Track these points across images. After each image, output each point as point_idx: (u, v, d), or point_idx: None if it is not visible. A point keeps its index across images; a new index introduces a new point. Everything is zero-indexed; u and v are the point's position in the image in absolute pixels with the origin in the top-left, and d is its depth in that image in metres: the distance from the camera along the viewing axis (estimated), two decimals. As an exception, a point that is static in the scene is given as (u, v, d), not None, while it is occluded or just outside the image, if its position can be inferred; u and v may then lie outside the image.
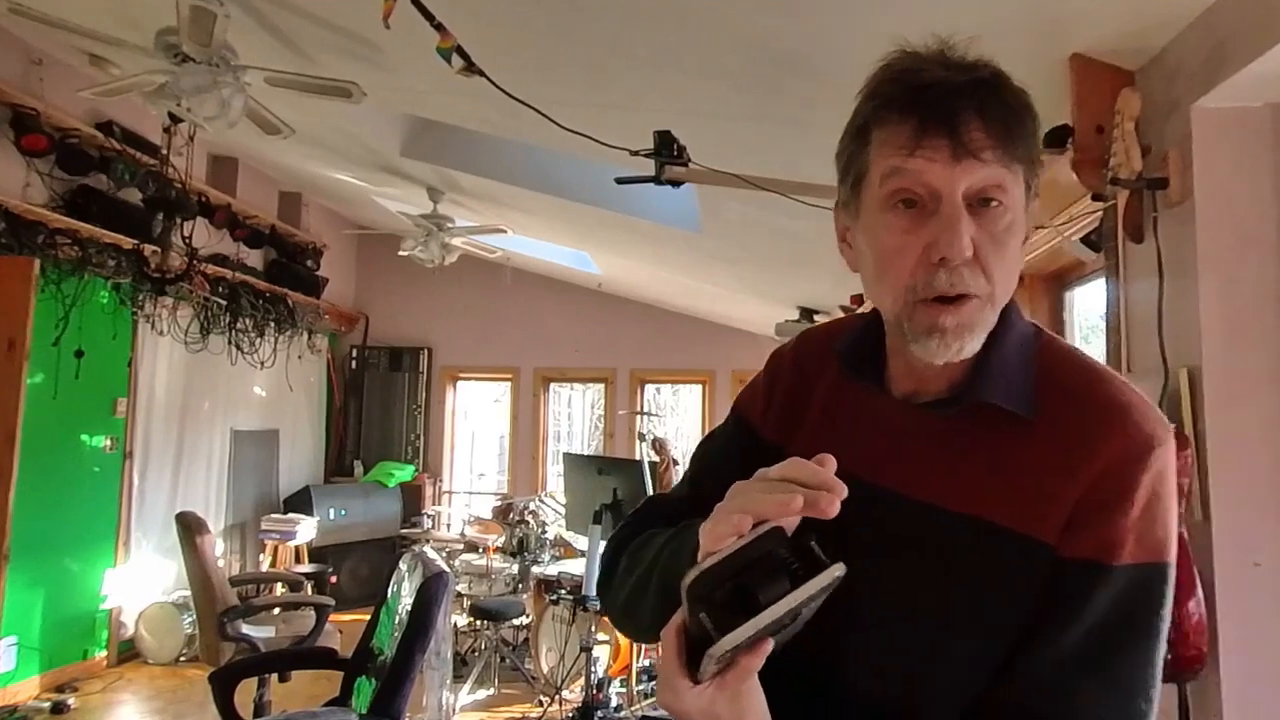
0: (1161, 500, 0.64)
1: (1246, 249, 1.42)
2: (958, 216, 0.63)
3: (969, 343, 0.65)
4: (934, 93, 0.63)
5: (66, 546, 4.31)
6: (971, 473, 0.67)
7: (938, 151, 0.63)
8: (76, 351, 4.22)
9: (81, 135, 4.12)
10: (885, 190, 0.66)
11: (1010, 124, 0.64)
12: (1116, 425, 0.64)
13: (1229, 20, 1.33)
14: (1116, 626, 0.62)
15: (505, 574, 4.81)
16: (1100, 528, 0.63)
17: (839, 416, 0.76)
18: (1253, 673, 1.37)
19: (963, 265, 0.63)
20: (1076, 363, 0.70)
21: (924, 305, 0.65)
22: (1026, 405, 0.67)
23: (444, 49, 1.87)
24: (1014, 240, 0.65)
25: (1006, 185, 0.64)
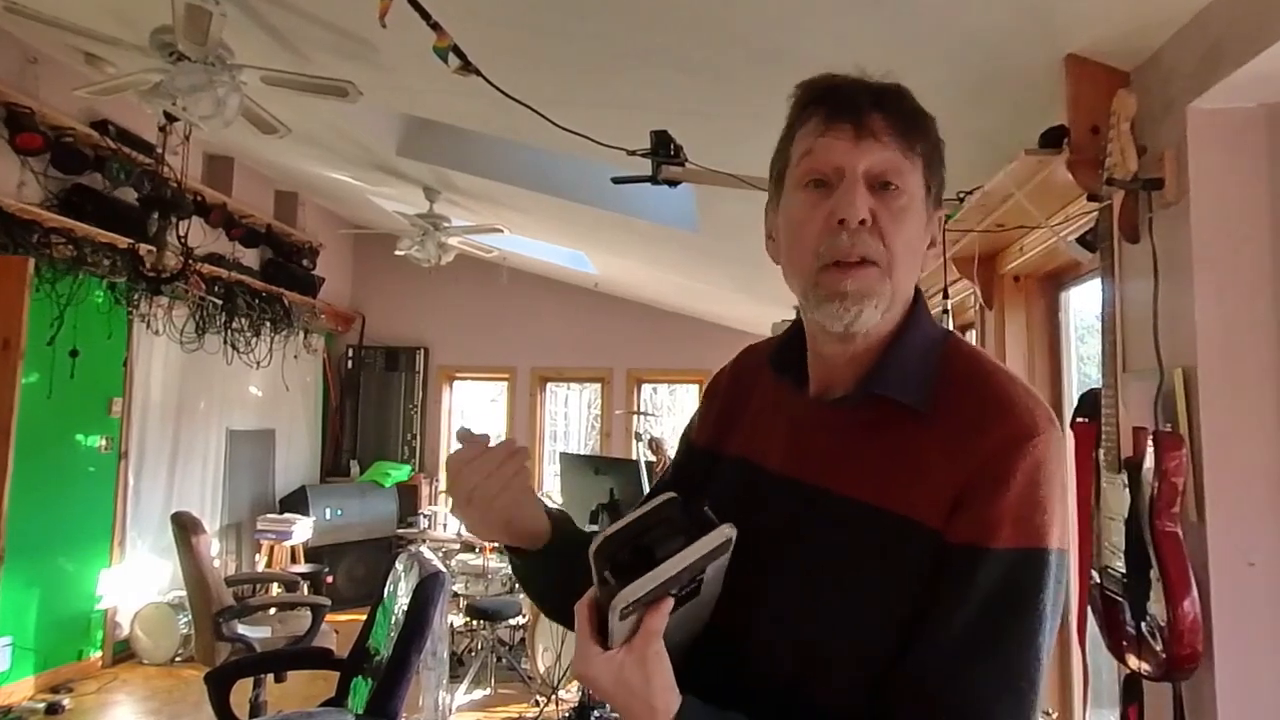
0: (1040, 487, 0.67)
1: (1241, 249, 1.42)
2: (854, 184, 0.70)
3: (867, 309, 0.71)
4: (843, 90, 0.73)
5: (61, 547, 4.29)
6: (865, 461, 0.72)
7: (842, 133, 0.71)
8: (71, 351, 4.20)
9: (76, 134, 4.11)
10: (799, 171, 0.74)
11: (907, 120, 0.72)
12: (999, 416, 0.69)
13: (1223, 22, 1.34)
14: (999, 609, 0.66)
15: (502, 574, 4.80)
16: (978, 512, 0.67)
17: (764, 417, 0.83)
18: (1247, 672, 1.37)
19: (861, 230, 0.70)
20: (974, 362, 0.75)
21: (827, 271, 0.71)
22: (921, 400, 0.72)
23: (440, 48, 1.87)
24: (911, 221, 0.72)
25: (904, 172, 0.71)
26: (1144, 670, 1.43)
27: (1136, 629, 1.42)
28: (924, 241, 0.76)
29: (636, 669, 0.64)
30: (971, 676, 0.65)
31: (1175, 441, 1.39)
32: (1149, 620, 1.39)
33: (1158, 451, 1.38)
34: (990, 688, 0.65)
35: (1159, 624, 1.36)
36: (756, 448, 0.81)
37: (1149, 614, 1.39)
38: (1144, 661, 1.42)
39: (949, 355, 0.75)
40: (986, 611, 0.66)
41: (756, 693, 0.71)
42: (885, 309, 0.72)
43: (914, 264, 0.74)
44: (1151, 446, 1.39)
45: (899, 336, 0.75)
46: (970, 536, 0.66)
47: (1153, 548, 1.38)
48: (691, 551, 0.63)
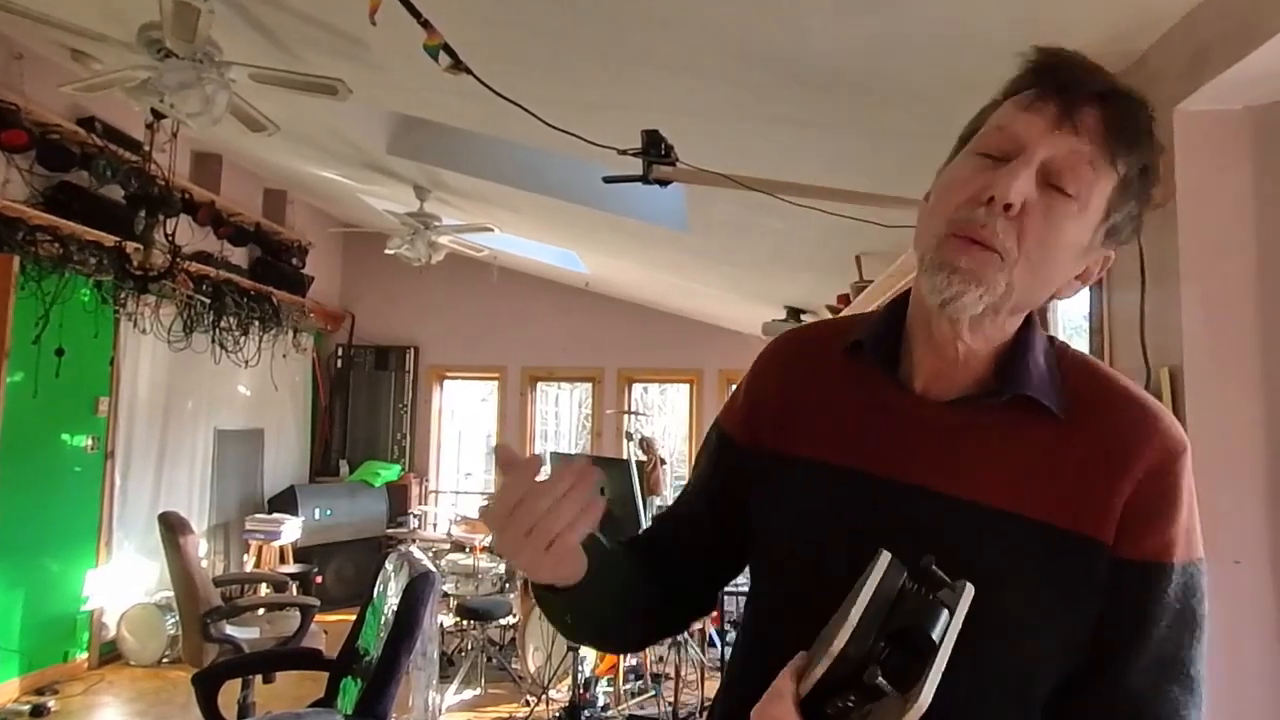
0: (1194, 501, 0.68)
1: (1227, 250, 1.44)
2: (1023, 166, 0.62)
3: (970, 294, 0.63)
4: (1070, 70, 0.65)
5: (47, 547, 4.25)
6: (1017, 472, 0.67)
7: (1044, 113, 0.63)
8: (57, 350, 4.16)
9: (63, 131, 4.07)
10: (982, 137, 0.67)
11: (1124, 126, 0.64)
12: (1151, 428, 0.67)
13: (1209, 25, 1.35)
14: (1180, 626, 0.65)
15: (492, 573, 4.80)
16: (1156, 529, 0.65)
17: (855, 420, 0.73)
18: (1234, 669, 1.39)
19: (1003, 215, 0.62)
20: (1098, 369, 0.73)
21: (949, 240, 0.64)
22: (1060, 405, 0.68)
23: (431, 46, 1.86)
24: (1065, 233, 0.64)
25: (1086, 180, 0.63)
26: (1131, 668, 1.44)
27: (1123, 627, 1.42)
28: (1073, 264, 0.67)
29: None
30: (1171, 700, 0.64)
31: (1162, 441, 1.40)
32: (1136, 618, 1.40)
33: (1144, 451, 1.39)
34: (1185, 704, 0.65)
35: (1145, 622, 1.37)
36: (850, 450, 0.71)
37: (1136, 612, 1.40)
38: (1131, 659, 1.43)
39: (1065, 360, 0.72)
40: (1171, 627, 0.65)
41: None
42: (992, 304, 0.64)
43: (1047, 277, 0.66)
44: (1138, 446, 1.40)
45: (1024, 339, 0.70)
46: (1152, 553, 0.65)
47: (1139, 546, 1.39)
48: (956, 625, 0.52)
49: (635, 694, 3.96)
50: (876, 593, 0.54)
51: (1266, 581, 1.40)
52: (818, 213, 2.27)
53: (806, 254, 3.86)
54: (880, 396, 0.72)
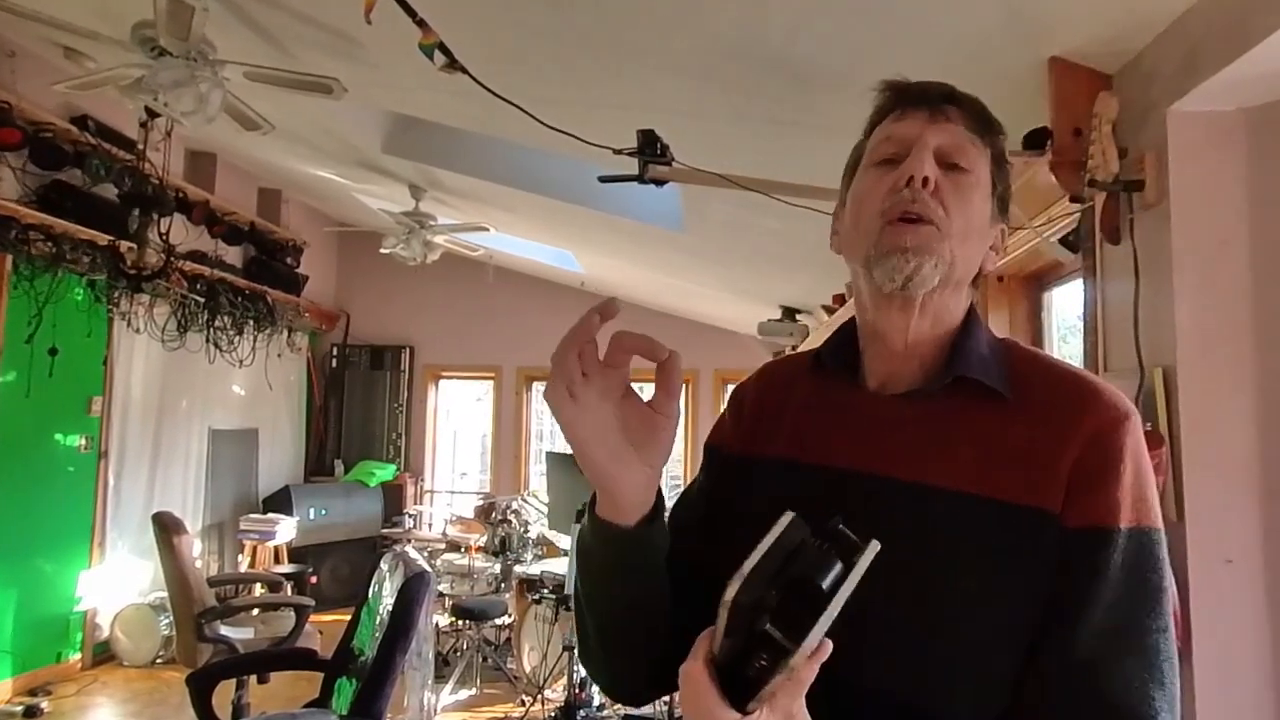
0: (1145, 468, 0.68)
1: (1220, 251, 1.44)
2: (923, 149, 0.71)
3: (926, 265, 0.70)
4: (917, 86, 0.76)
5: (40, 548, 4.24)
6: (963, 452, 0.70)
7: (917, 116, 0.73)
8: (50, 349, 4.15)
9: (55, 129, 4.05)
10: (873, 156, 0.76)
11: (978, 112, 0.75)
12: (1091, 399, 0.69)
13: (1202, 26, 1.35)
14: (1130, 594, 0.65)
15: (487, 573, 4.79)
16: (1099, 493, 0.66)
17: (817, 420, 0.78)
18: (1225, 668, 1.39)
19: (924, 190, 0.70)
20: (1040, 355, 0.78)
21: (890, 226, 0.71)
22: (1004, 386, 0.72)
23: (426, 45, 1.86)
24: (975, 202, 0.73)
25: (972, 156, 0.73)
26: (1124, 667, 1.45)
27: (1117, 626, 1.43)
28: (985, 234, 0.76)
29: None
30: (1124, 671, 0.64)
31: (1155, 440, 1.40)
32: (1129, 617, 1.40)
33: (1138, 450, 1.39)
34: (1141, 677, 0.64)
35: (1139, 621, 1.38)
36: (817, 448, 0.76)
37: (1129, 611, 1.40)
38: (1124, 658, 1.43)
39: (1010, 348, 0.77)
40: (1120, 595, 0.65)
41: (868, 711, 0.66)
42: (943, 274, 0.71)
43: (975, 244, 0.74)
44: (1132, 445, 1.40)
45: (965, 329, 0.75)
46: (1096, 518, 0.65)
47: (1133, 546, 1.39)
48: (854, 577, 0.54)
49: (631, 694, 3.96)
50: (774, 547, 0.56)
51: (1259, 580, 1.40)
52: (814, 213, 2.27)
53: (802, 254, 3.86)
54: (841, 398, 0.78)
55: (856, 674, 0.66)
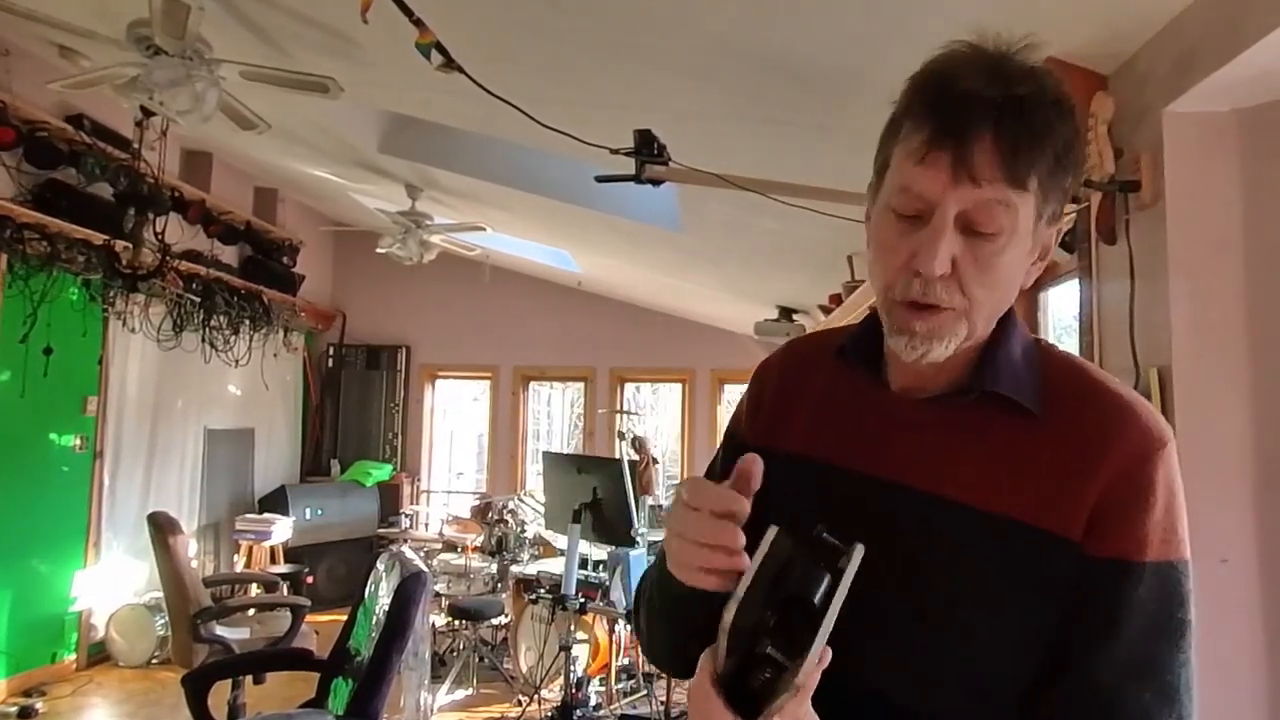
0: (1176, 498, 0.65)
1: (1215, 250, 1.45)
2: (939, 234, 0.63)
3: (936, 349, 0.66)
4: (956, 105, 0.62)
5: (34, 548, 4.22)
6: (984, 467, 0.67)
7: (940, 164, 0.62)
8: (45, 349, 4.13)
9: (50, 128, 4.04)
10: (892, 194, 0.67)
11: (1022, 149, 0.62)
12: (1126, 423, 0.65)
13: (1197, 28, 1.36)
14: (1154, 629, 0.63)
15: (484, 573, 4.78)
16: (1126, 526, 0.63)
17: (835, 413, 0.76)
18: (1220, 667, 1.40)
19: (937, 280, 0.64)
20: (1077, 366, 0.72)
21: (899, 306, 0.66)
22: (1034, 402, 0.68)
23: (423, 45, 1.86)
24: (1004, 261, 0.65)
25: (1002, 215, 0.63)
26: (1119, 666, 1.45)
27: (1112, 625, 1.43)
28: (1024, 267, 0.68)
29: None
30: (1141, 701, 0.62)
31: (1150, 440, 1.40)
32: (1124, 616, 1.41)
33: (1133, 450, 1.40)
34: (1159, 713, 0.62)
35: (1134, 620, 1.38)
36: (827, 445, 0.74)
37: (1124, 610, 1.40)
38: (1119, 657, 1.44)
39: (1046, 358, 0.72)
40: (1143, 629, 0.63)
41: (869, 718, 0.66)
42: (961, 344, 0.66)
43: (1005, 295, 0.67)
44: (1127, 445, 1.41)
45: (999, 338, 0.70)
46: (1119, 551, 0.63)
47: (1128, 545, 1.40)
48: (844, 586, 0.55)
49: (628, 693, 3.96)
50: (764, 565, 0.56)
51: (1254, 580, 1.41)
52: (810, 213, 2.27)
53: (799, 254, 3.86)
54: (862, 396, 0.74)
55: (857, 677, 0.66)
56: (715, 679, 0.58)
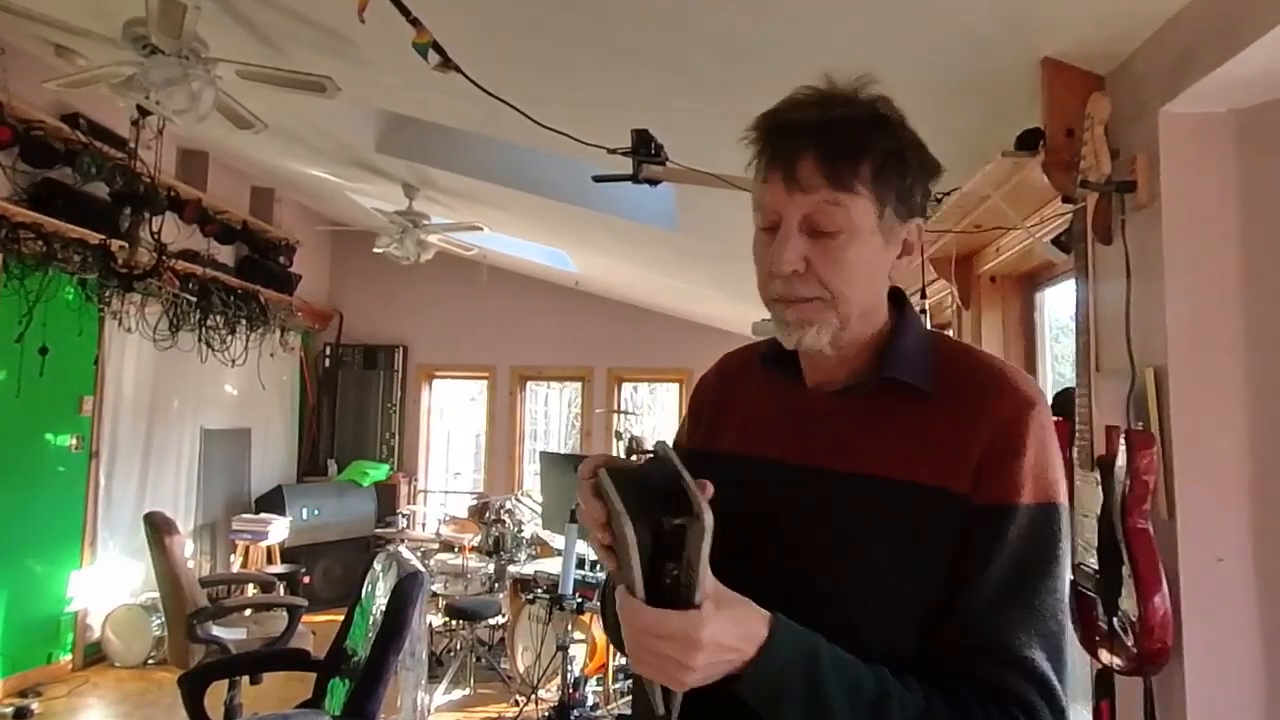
0: (1047, 450, 0.75)
1: (1211, 251, 1.45)
2: (785, 237, 0.76)
3: (809, 334, 0.78)
4: (781, 132, 0.77)
5: (30, 548, 4.21)
6: (887, 443, 0.78)
7: (776, 183, 0.76)
8: (41, 349, 4.12)
9: (46, 127, 4.03)
10: (757, 213, 0.80)
11: (842, 161, 0.74)
12: (1000, 389, 0.77)
13: (1194, 28, 1.36)
14: (1027, 560, 0.73)
15: (481, 573, 4.78)
16: (1003, 474, 0.74)
17: (761, 414, 0.87)
18: (1215, 666, 1.40)
19: (794, 277, 0.76)
20: (962, 349, 0.85)
21: (773, 304, 0.80)
22: (926, 383, 0.79)
23: (420, 44, 1.85)
24: (851, 254, 0.76)
25: (837, 214, 0.75)
26: (1116, 665, 1.46)
27: (1108, 624, 1.44)
28: (885, 260, 0.79)
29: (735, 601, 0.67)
30: (1009, 621, 0.72)
31: (1147, 440, 1.41)
32: (1120, 616, 1.41)
33: (1129, 450, 1.40)
34: (1025, 630, 0.71)
35: (1130, 619, 1.39)
36: (756, 442, 0.85)
37: (1120, 610, 1.41)
38: (1116, 656, 1.44)
39: (938, 345, 0.84)
40: (1016, 563, 0.72)
41: None
42: (836, 330, 0.78)
43: (867, 287, 0.79)
44: (1123, 445, 1.41)
45: (896, 332, 0.82)
46: (998, 496, 0.73)
47: (1124, 544, 1.40)
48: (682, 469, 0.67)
49: (625, 693, 3.96)
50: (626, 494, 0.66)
51: (1249, 578, 1.41)
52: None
53: (796, 254, 3.86)
54: (784, 395, 0.86)
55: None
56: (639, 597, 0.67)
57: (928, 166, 0.80)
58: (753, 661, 0.67)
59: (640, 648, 0.67)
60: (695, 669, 0.65)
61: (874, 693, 0.68)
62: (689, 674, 0.65)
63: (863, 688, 0.68)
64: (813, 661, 0.68)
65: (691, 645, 0.64)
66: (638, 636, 0.66)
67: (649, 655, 0.66)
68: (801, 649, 0.68)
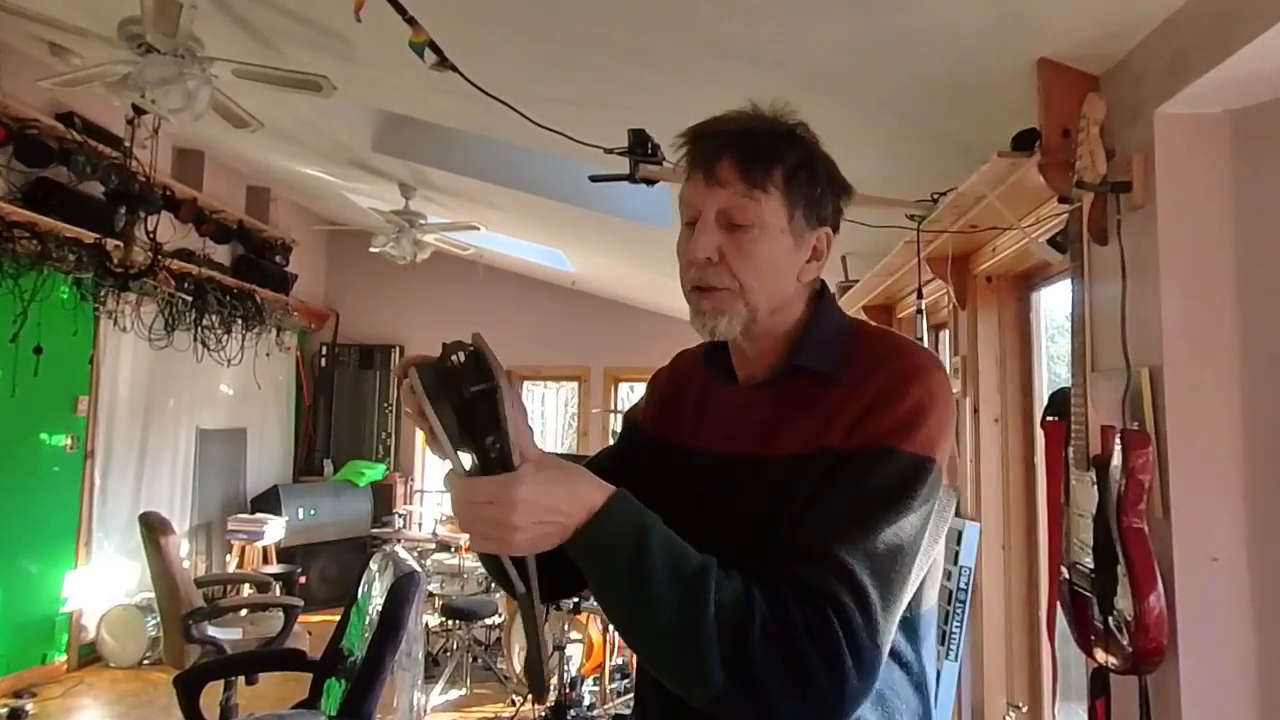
0: (928, 409, 0.78)
1: (1206, 252, 1.45)
2: (703, 228, 0.83)
3: (721, 323, 0.84)
4: (703, 139, 0.85)
5: (25, 548, 4.20)
6: (796, 423, 0.84)
7: (696, 180, 0.84)
8: (35, 348, 4.11)
9: (41, 126, 4.01)
10: (681, 209, 0.87)
11: (754, 162, 0.82)
12: (892, 356, 0.83)
13: (1189, 29, 1.37)
14: (875, 495, 0.75)
15: (477, 573, 4.78)
16: (871, 423, 0.78)
17: (706, 407, 0.96)
18: (1210, 665, 1.41)
19: (708, 265, 0.83)
20: (880, 334, 0.89)
21: (689, 293, 0.87)
22: (835, 367, 0.84)
23: (416, 43, 1.85)
24: (763, 251, 0.83)
25: (750, 210, 0.82)
26: (1111, 664, 1.46)
27: (1104, 624, 1.44)
28: (793, 261, 0.86)
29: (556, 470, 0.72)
30: (837, 534, 0.73)
31: (1142, 440, 1.41)
32: (1116, 615, 1.41)
33: (1125, 449, 1.41)
34: (851, 544, 0.73)
35: (1125, 619, 1.39)
36: (695, 434, 0.94)
37: (1116, 609, 1.41)
38: (1111, 655, 1.45)
39: (855, 331, 0.89)
40: (862, 494, 0.76)
41: None
42: (746, 320, 0.84)
43: (774, 283, 0.85)
44: (1119, 444, 1.42)
45: (809, 324, 0.88)
46: (860, 442, 0.78)
47: (1120, 544, 1.41)
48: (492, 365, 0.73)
49: (621, 693, 3.96)
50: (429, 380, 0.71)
51: (1243, 577, 1.42)
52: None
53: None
54: (718, 391, 0.94)
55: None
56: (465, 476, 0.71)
57: (837, 183, 0.88)
58: (583, 525, 0.70)
59: (468, 519, 0.70)
60: (518, 526, 0.68)
61: (695, 570, 0.71)
62: (514, 533, 0.68)
63: (686, 565, 0.71)
64: (642, 535, 0.71)
65: (507, 504, 0.67)
66: (463, 509, 0.70)
67: (476, 524, 0.69)
68: (633, 523, 0.71)
